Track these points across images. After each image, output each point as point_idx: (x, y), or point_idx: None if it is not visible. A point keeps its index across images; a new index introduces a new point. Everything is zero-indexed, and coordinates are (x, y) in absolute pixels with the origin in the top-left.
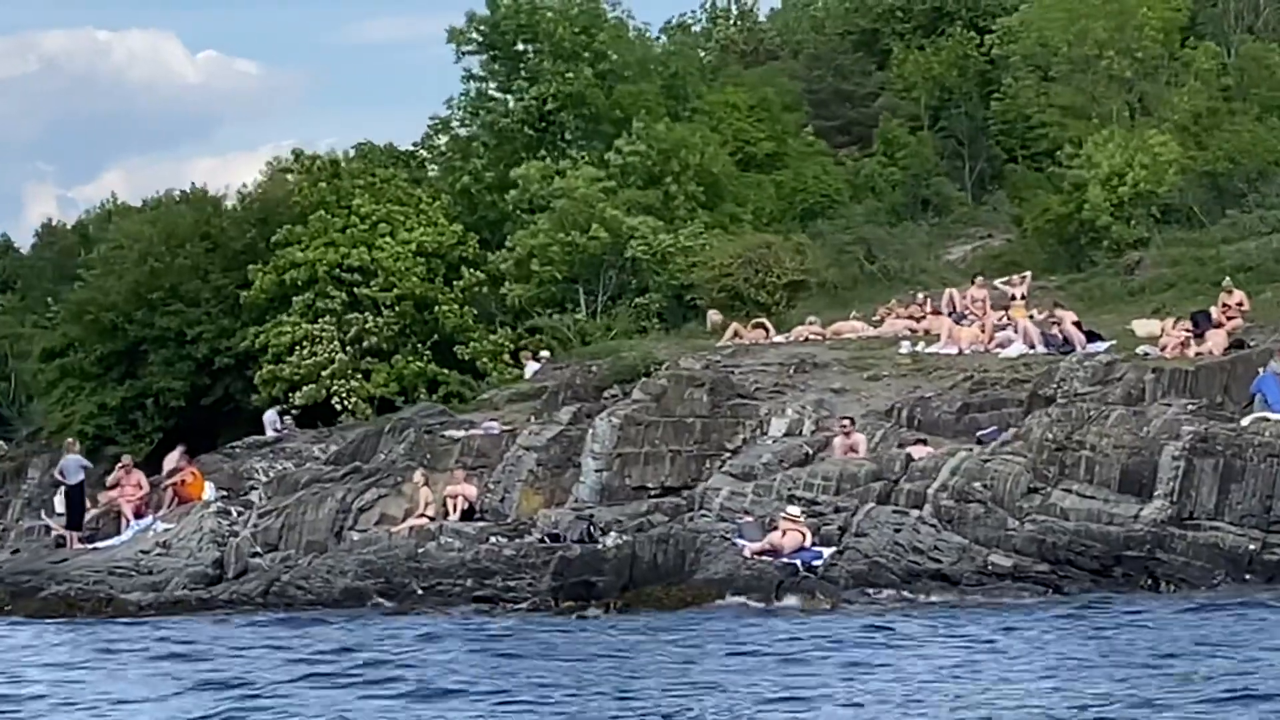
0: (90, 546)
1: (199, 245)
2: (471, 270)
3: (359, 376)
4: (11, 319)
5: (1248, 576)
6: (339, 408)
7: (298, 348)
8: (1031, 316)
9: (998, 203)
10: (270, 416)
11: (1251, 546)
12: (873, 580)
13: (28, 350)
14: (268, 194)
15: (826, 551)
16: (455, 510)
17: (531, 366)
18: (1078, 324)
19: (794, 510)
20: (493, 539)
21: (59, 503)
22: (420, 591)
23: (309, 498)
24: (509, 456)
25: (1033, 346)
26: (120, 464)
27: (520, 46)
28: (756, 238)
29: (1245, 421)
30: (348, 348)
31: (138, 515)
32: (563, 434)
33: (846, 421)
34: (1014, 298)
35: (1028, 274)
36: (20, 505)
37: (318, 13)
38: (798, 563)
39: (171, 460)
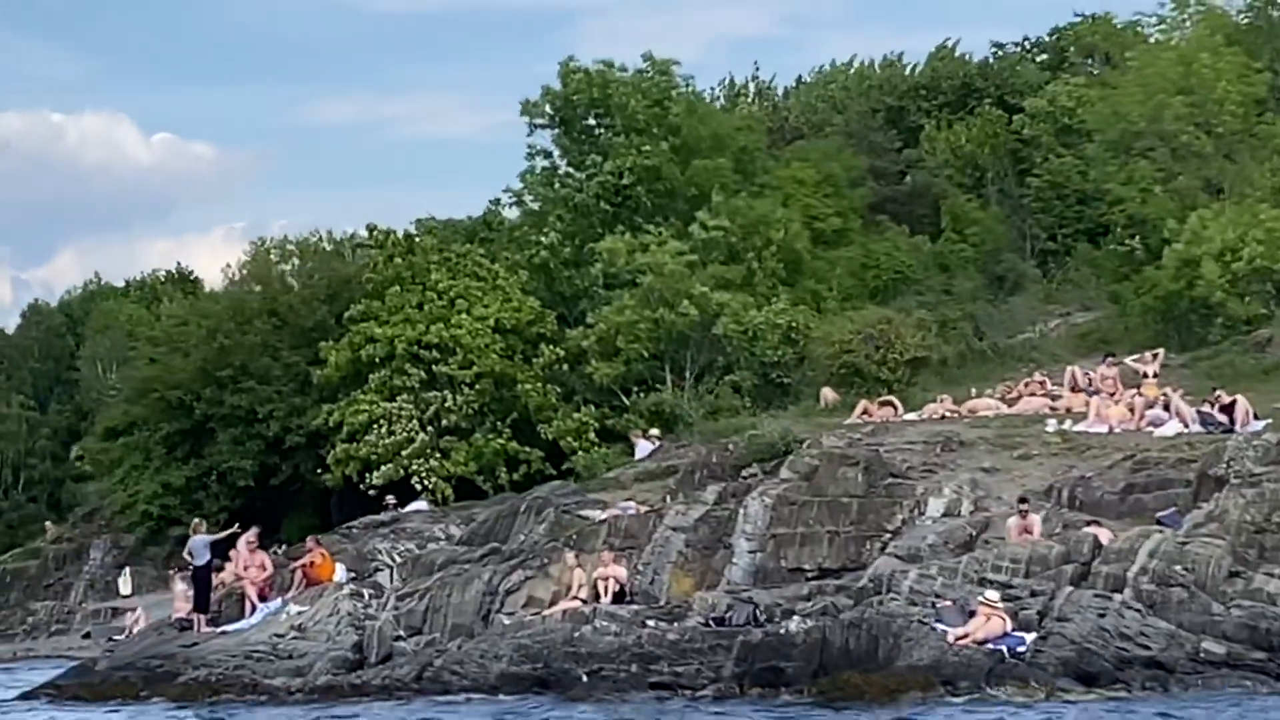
0: (219, 630)
1: (267, 322)
2: (551, 347)
3: (437, 455)
4: None
5: None
6: (419, 487)
7: (375, 426)
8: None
9: (1083, 279)
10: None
11: None
12: (1083, 668)
13: (13, 431)
14: (337, 270)
15: (1029, 637)
16: (607, 593)
17: (643, 446)
18: (1229, 406)
19: (992, 595)
20: (650, 622)
21: (123, 585)
22: (585, 677)
23: (451, 580)
24: (657, 537)
25: (1187, 425)
26: (247, 543)
27: (591, 120)
28: (875, 313)
29: None
30: (428, 426)
31: (262, 597)
32: (709, 514)
33: (1023, 504)
34: (1145, 375)
35: (1159, 351)
36: (83, 587)
37: (272, 95)
38: (1003, 649)
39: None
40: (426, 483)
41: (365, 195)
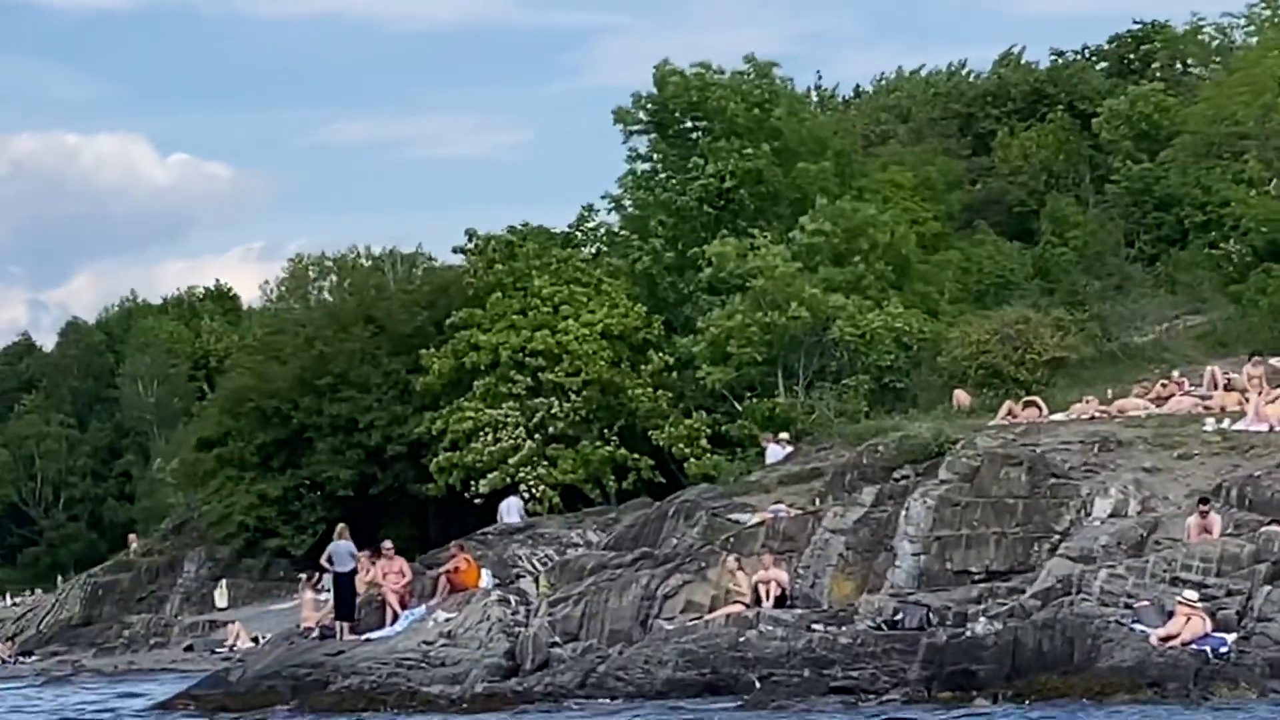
0: (363, 637)
1: (365, 329)
2: (659, 353)
3: (544, 463)
4: (37, 418)
5: None
6: (526, 496)
7: (480, 434)
8: None
9: (1196, 281)
10: (515, 503)
11: None
12: None
13: (54, 449)
14: (438, 276)
15: (1229, 638)
16: (769, 597)
17: (774, 450)
18: None
19: (1191, 595)
20: (816, 626)
21: (219, 597)
22: (758, 683)
23: (605, 585)
24: (816, 540)
25: None
26: (383, 551)
27: (688, 124)
28: (1014, 313)
29: None
30: (534, 434)
31: (402, 604)
32: (868, 516)
33: (1203, 504)
34: None
35: None
36: (179, 600)
37: (288, 116)
38: (1206, 650)
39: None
40: (534, 490)
41: (381, 216)
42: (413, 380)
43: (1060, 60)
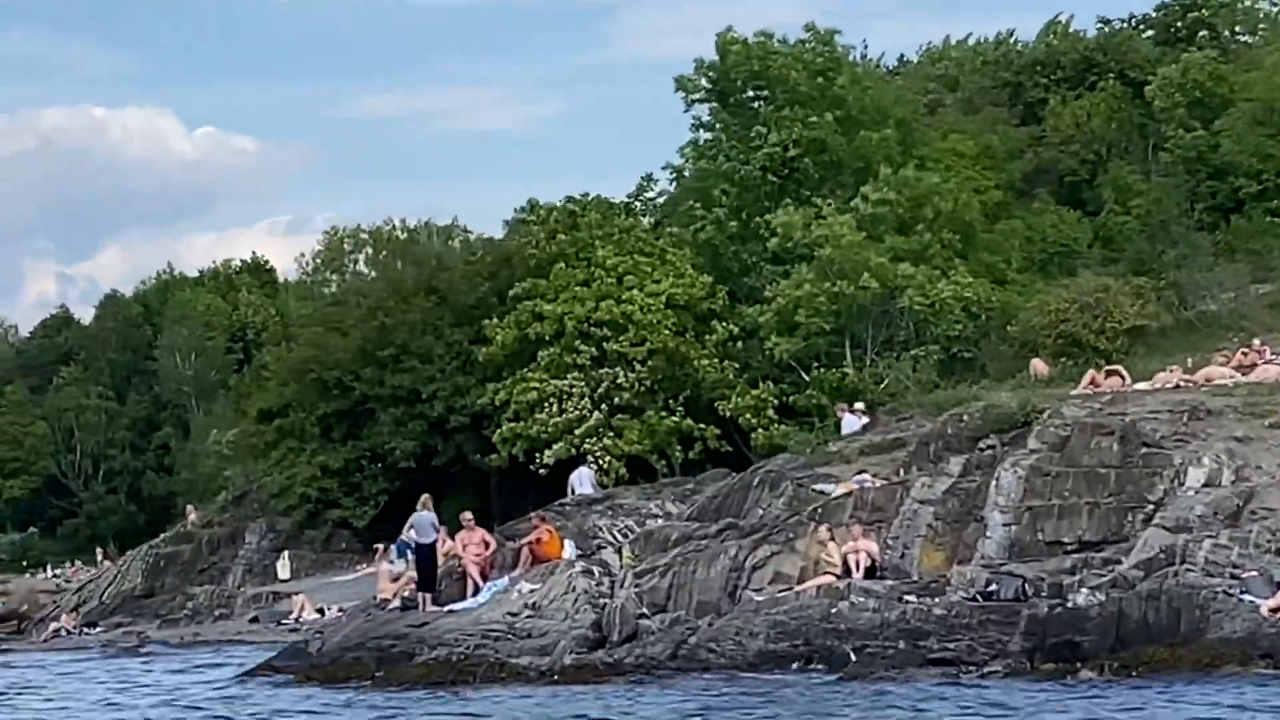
0: (445, 609)
1: (427, 300)
2: (725, 323)
3: (610, 434)
4: (75, 390)
5: None
6: (593, 466)
7: (545, 404)
8: None
9: (1266, 248)
10: (586, 474)
11: None
12: None
13: (93, 422)
14: (500, 247)
15: None
16: (859, 568)
17: (849, 420)
18: None
19: None
20: (908, 597)
21: (282, 569)
22: (853, 655)
23: (692, 556)
24: (904, 510)
25: None
26: (464, 522)
27: (750, 93)
28: (1093, 282)
29: None
30: (600, 405)
31: (483, 576)
32: (956, 486)
33: None
34: None
35: None
36: (241, 571)
37: (315, 89)
38: None
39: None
40: (601, 461)
41: (407, 189)
42: (475, 351)
43: (1108, 28)
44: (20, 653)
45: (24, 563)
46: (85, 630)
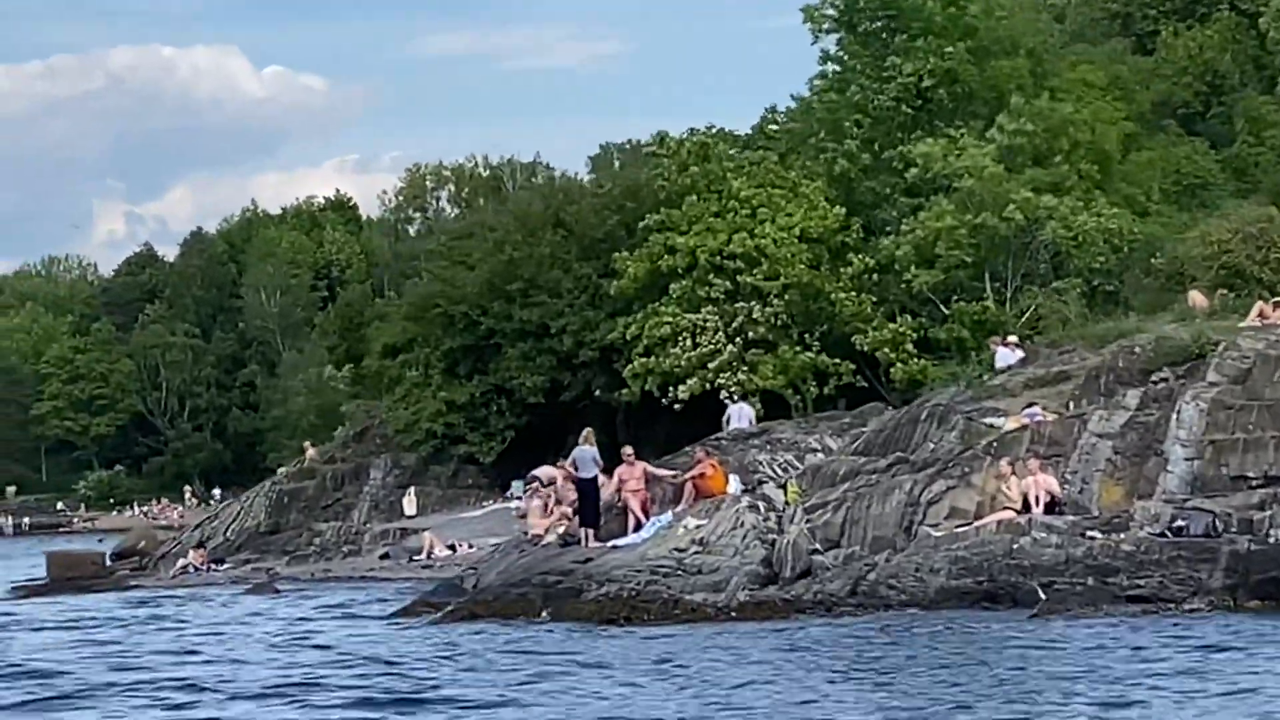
0: (608, 545)
1: (554, 234)
2: (861, 256)
3: (744, 369)
4: (161, 328)
5: None
6: (727, 401)
7: (678, 338)
8: None
9: None
10: (743, 410)
11: None
12: None
13: (179, 360)
14: (628, 179)
15: None
16: (1038, 503)
17: (1003, 353)
18: None
19: None
20: (1092, 533)
21: (408, 505)
22: (1042, 592)
23: (866, 491)
24: (1082, 445)
25: None
26: (625, 457)
27: (879, 23)
28: (1254, 211)
29: None
30: (735, 339)
31: (644, 510)
32: (1134, 420)
33: None
34: None
35: None
36: (366, 508)
37: (383, 28)
38: None
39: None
40: (734, 397)
41: (474, 127)
42: (604, 285)
43: None
44: (151, 588)
45: (110, 500)
46: (213, 566)
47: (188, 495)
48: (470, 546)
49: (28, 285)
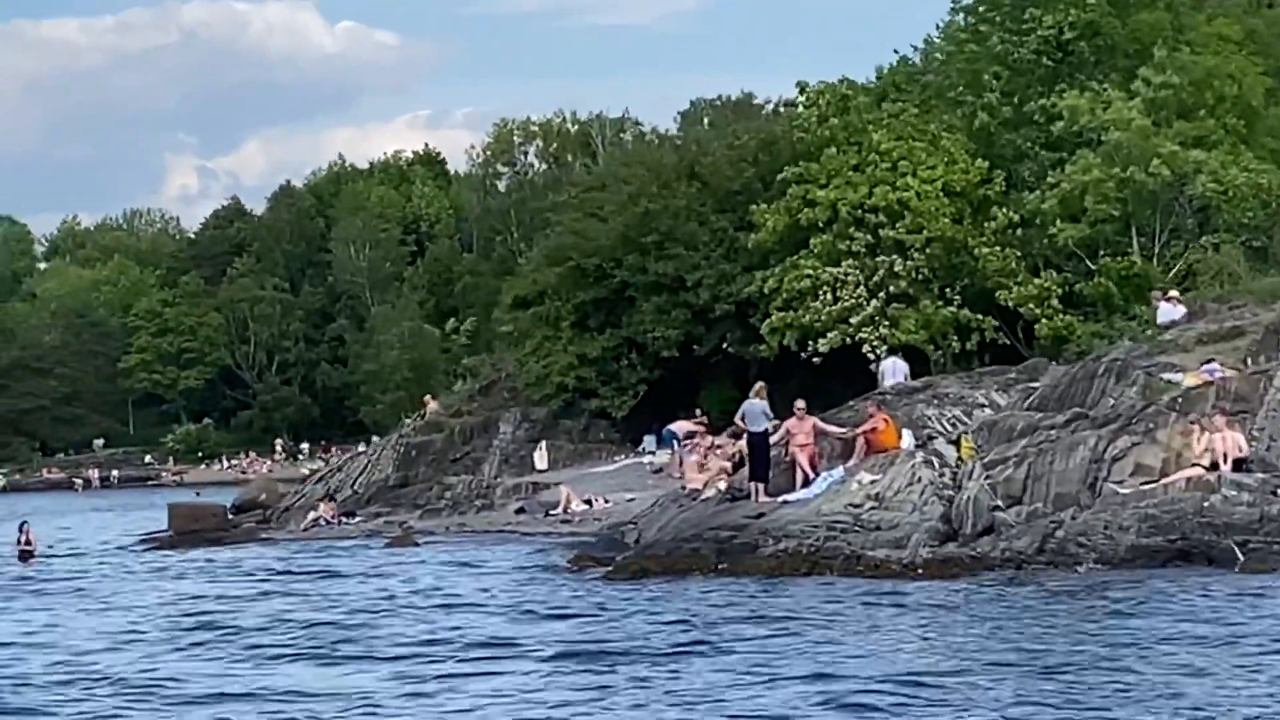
0: (780, 500)
1: (689, 186)
2: (1004, 210)
3: (886, 323)
4: (250, 281)
5: None
6: (871, 356)
7: (819, 292)
8: None
9: None
10: (897, 364)
11: None
12: None
13: (267, 313)
14: (764, 131)
15: None
16: (1226, 460)
17: (1165, 309)
18: None
19: None
20: None
21: (539, 459)
22: (1239, 553)
23: (1048, 446)
24: (1269, 401)
25: None
26: (795, 411)
27: None
28: None
29: None
30: (878, 293)
31: (811, 465)
32: None
33: None
34: None
35: None
36: (496, 461)
37: None
38: None
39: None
40: (877, 352)
41: (547, 83)
42: (740, 238)
43: None
44: (286, 541)
45: (198, 453)
46: (343, 519)
47: (277, 449)
48: (606, 501)
49: (109, 238)
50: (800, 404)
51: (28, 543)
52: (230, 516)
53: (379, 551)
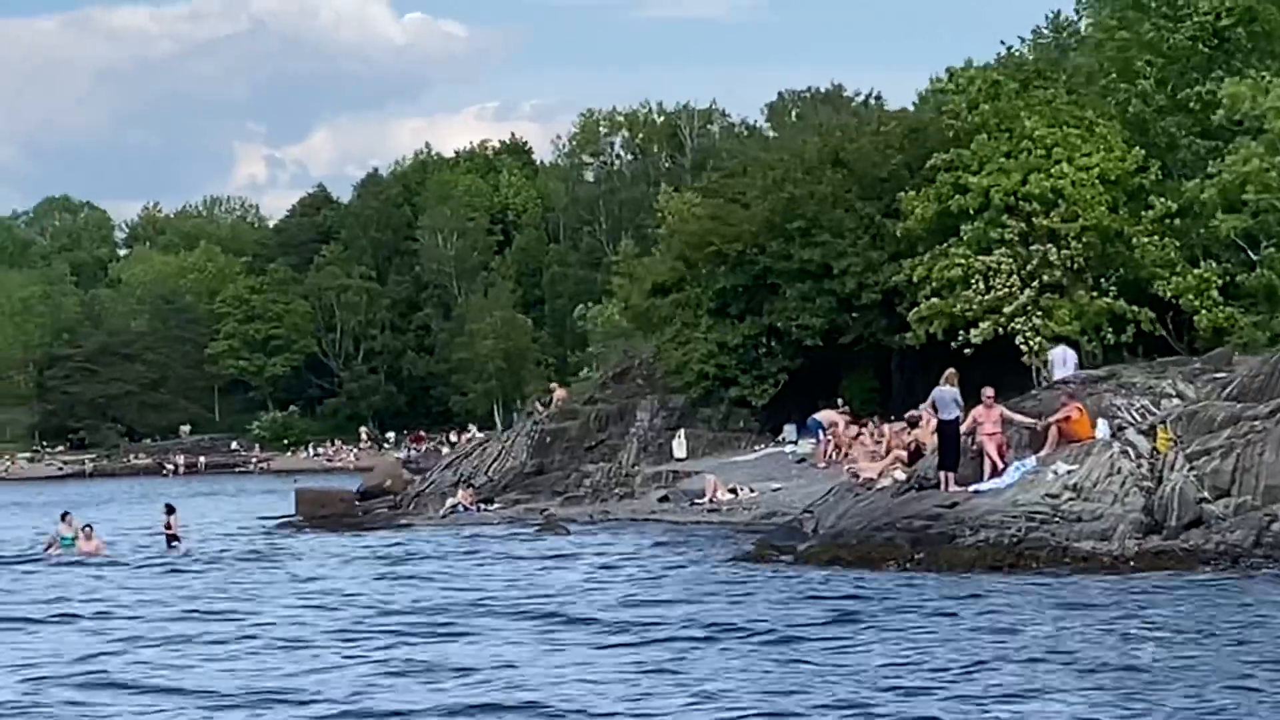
0: (971, 489)
1: (834, 172)
2: (1162, 200)
3: (1039, 314)
4: (337, 269)
5: None
6: (1024, 348)
7: (971, 281)
8: None
9: None
10: (1067, 353)
11: None
12: None
13: (354, 301)
14: (911, 118)
15: None
16: None
17: None
18: None
19: None
20: None
21: (677, 448)
22: None
23: (1256, 438)
24: None
25: None
26: (984, 399)
27: None
28: None
29: None
30: (1031, 283)
31: (999, 454)
32: None
33: None
34: None
35: None
36: (635, 449)
37: None
38: None
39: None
40: (1030, 343)
41: (615, 75)
42: (887, 225)
43: None
44: (432, 528)
45: (284, 440)
46: (482, 506)
47: (362, 436)
48: (751, 490)
49: (190, 225)
50: (989, 392)
51: (171, 528)
52: (357, 502)
53: (541, 538)
